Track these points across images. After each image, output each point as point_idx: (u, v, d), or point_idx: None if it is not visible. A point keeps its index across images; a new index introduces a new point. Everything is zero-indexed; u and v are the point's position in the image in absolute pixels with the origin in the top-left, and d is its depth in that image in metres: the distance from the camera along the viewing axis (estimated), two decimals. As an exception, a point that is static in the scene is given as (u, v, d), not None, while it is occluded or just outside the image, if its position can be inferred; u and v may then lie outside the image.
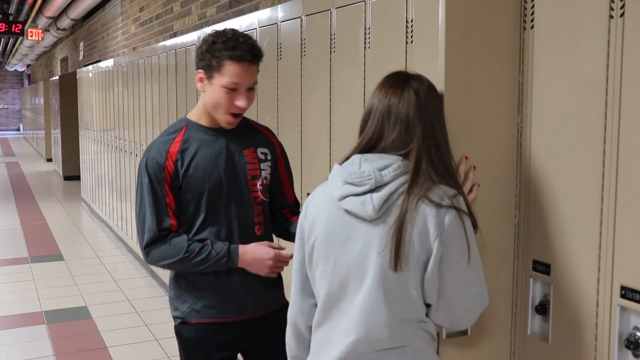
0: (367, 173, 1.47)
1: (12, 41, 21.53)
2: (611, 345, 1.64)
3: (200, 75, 1.98)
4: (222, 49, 1.91)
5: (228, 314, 2.03)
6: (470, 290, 1.50)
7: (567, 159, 1.75)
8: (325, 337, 1.58)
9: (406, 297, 1.48)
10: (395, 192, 1.46)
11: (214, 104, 1.97)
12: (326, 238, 1.54)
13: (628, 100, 1.58)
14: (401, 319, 1.49)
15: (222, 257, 1.96)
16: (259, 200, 2.06)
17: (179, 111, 4.57)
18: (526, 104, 1.87)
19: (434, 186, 1.46)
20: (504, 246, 1.93)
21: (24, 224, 8.24)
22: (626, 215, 1.60)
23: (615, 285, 1.63)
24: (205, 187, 1.98)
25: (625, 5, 1.57)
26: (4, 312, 4.92)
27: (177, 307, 2.07)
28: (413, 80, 1.55)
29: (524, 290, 1.90)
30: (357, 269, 1.50)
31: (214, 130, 2.04)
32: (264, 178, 2.07)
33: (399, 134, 1.50)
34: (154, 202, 1.96)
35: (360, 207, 1.47)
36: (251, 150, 2.07)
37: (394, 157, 1.49)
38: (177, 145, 2.00)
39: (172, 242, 1.96)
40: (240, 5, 4.93)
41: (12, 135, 27.85)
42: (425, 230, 1.43)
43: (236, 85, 1.93)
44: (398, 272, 1.44)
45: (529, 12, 1.84)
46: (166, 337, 4.32)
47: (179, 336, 2.09)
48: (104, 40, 10.89)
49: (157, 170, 1.97)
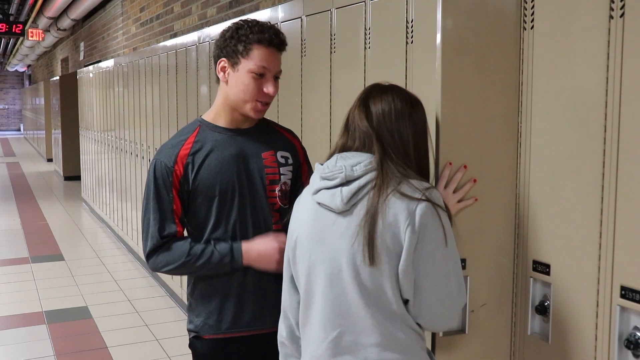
0: (339, 168, 1.53)
1: (13, 41, 21.54)
2: (611, 346, 1.64)
3: (223, 64, 1.89)
4: (249, 33, 1.85)
5: (243, 327, 1.93)
6: (447, 284, 1.49)
7: (567, 159, 1.75)
8: (308, 336, 1.58)
9: (381, 290, 1.47)
10: (365, 186, 1.50)
11: (240, 91, 1.87)
12: (305, 235, 1.58)
13: (628, 100, 1.58)
14: (382, 313, 1.48)
15: (225, 257, 1.87)
16: (277, 206, 1.95)
17: (180, 111, 4.57)
18: (526, 104, 1.87)
19: (404, 180, 1.49)
20: (504, 246, 1.93)
21: (24, 224, 8.24)
22: (626, 216, 1.60)
23: (615, 285, 1.63)
24: (217, 191, 1.89)
25: (625, 5, 1.57)
26: (5, 312, 4.92)
27: (192, 320, 1.99)
28: (372, 96, 1.60)
29: (524, 290, 1.90)
30: (329, 263, 1.52)
31: (230, 130, 1.94)
32: (283, 183, 1.96)
33: (361, 142, 1.57)
34: (159, 207, 1.88)
35: (330, 199, 1.52)
36: (270, 153, 1.96)
37: (366, 155, 1.55)
38: (189, 148, 1.90)
39: (174, 247, 1.88)
40: (240, 6, 4.93)
41: (13, 136, 27.87)
42: (395, 222, 1.44)
43: (264, 70, 1.86)
44: (372, 266, 1.45)
45: (529, 13, 1.84)
46: (166, 337, 4.32)
47: (193, 350, 2.01)
48: (105, 41, 10.89)
49: (165, 175, 1.88)
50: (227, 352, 1.96)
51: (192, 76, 4.24)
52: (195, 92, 4.18)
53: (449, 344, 1.87)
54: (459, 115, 1.82)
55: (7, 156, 18.14)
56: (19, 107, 31.48)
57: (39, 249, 6.95)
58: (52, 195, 10.86)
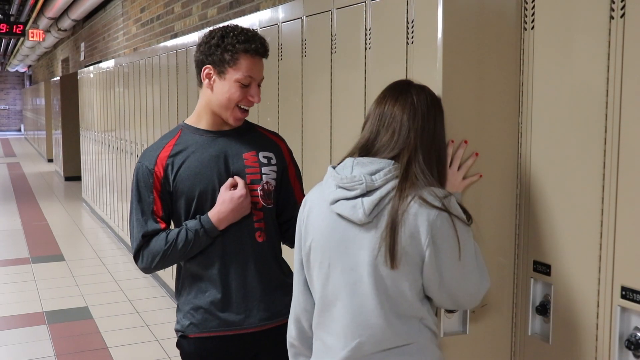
0: (358, 177, 1.49)
1: (13, 42, 21.55)
2: (612, 346, 1.64)
3: (208, 71, 1.92)
4: (236, 43, 1.87)
5: (229, 325, 1.95)
6: (470, 279, 1.52)
7: (567, 159, 1.75)
8: (324, 342, 1.58)
9: (402, 297, 1.49)
10: (386, 196, 1.48)
11: (225, 99, 1.91)
12: (321, 241, 1.56)
13: (629, 101, 1.58)
14: (400, 318, 1.50)
15: (199, 229, 1.89)
16: (259, 206, 1.97)
17: (180, 112, 4.57)
18: (526, 104, 1.87)
19: (424, 188, 1.48)
20: (505, 246, 1.93)
21: (25, 225, 8.24)
22: (627, 216, 1.60)
23: (616, 285, 1.62)
24: (195, 192, 1.93)
25: (625, 5, 1.57)
26: (5, 312, 4.92)
27: (178, 320, 2.01)
28: (413, 89, 1.58)
29: (525, 290, 1.90)
30: (351, 273, 1.51)
31: (212, 132, 1.98)
32: (265, 183, 1.99)
33: (391, 136, 1.53)
34: (141, 209, 1.93)
35: (351, 211, 1.49)
36: (252, 153, 1.99)
37: (385, 162, 1.51)
38: (169, 150, 1.95)
39: (152, 242, 1.92)
40: (241, 6, 4.94)
41: (14, 136, 27.88)
42: (416, 232, 1.44)
43: (251, 79, 1.90)
44: (394, 269, 1.45)
45: (529, 13, 1.84)
46: (167, 338, 4.32)
47: (180, 350, 2.04)
48: (105, 41, 10.89)
49: (146, 177, 1.93)
50: (213, 351, 1.98)
51: (193, 77, 4.22)
52: (195, 93, 4.17)
53: (450, 344, 1.87)
54: (459, 115, 1.82)
55: (7, 156, 18.15)
56: (19, 108, 31.49)
57: (40, 249, 6.96)
58: (52, 195, 10.86)
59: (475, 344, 1.91)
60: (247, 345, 1.98)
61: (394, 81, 1.63)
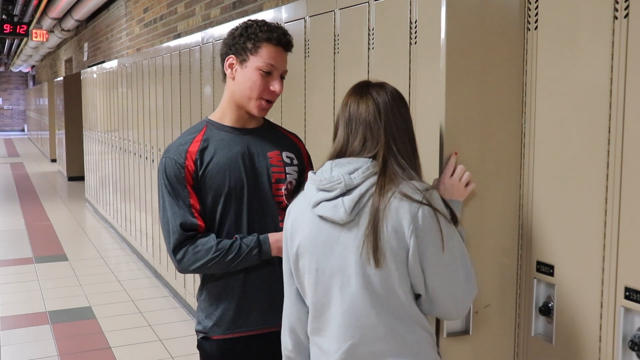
0: (337, 177, 1.50)
1: (17, 42, 21.60)
2: (615, 347, 1.64)
3: (231, 60, 1.92)
4: (259, 32, 1.88)
5: (251, 326, 1.93)
6: (455, 279, 1.50)
7: (571, 160, 1.75)
8: (320, 346, 1.58)
9: (392, 296, 1.48)
10: (366, 193, 1.48)
11: (247, 88, 1.89)
12: (307, 246, 1.56)
13: (632, 101, 1.58)
14: (394, 318, 1.49)
15: (254, 249, 1.86)
16: (283, 205, 1.94)
17: (183, 112, 4.58)
18: (530, 104, 1.87)
19: (403, 182, 1.48)
20: (508, 247, 1.92)
21: (28, 225, 8.26)
22: (630, 217, 1.59)
23: (620, 286, 1.62)
24: (225, 188, 1.89)
25: (629, 6, 1.57)
26: (9, 312, 4.93)
27: (200, 321, 1.99)
28: (372, 88, 1.59)
29: (528, 291, 1.90)
30: (339, 274, 1.51)
31: (237, 129, 1.96)
32: (288, 182, 1.97)
33: (362, 137, 1.54)
34: (175, 203, 1.87)
35: (332, 212, 1.49)
36: (276, 152, 1.98)
37: (363, 160, 1.52)
38: (197, 145, 1.91)
39: (199, 244, 1.85)
40: (244, 6, 4.94)
41: (17, 136, 27.93)
42: (399, 226, 1.44)
43: (272, 68, 1.89)
44: (379, 268, 1.45)
45: (532, 13, 1.84)
46: (170, 338, 4.32)
47: (200, 351, 2.01)
48: (108, 41, 10.91)
49: (177, 171, 1.88)
50: (235, 351, 1.96)
51: (196, 77, 4.24)
52: (198, 93, 4.18)
53: (453, 345, 1.86)
54: (462, 115, 1.82)
55: (11, 157, 18.18)
56: (23, 108, 31.56)
57: (43, 249, 6.97)
58: (55, 195, 10.88)
59: (478, 344, 1.91)
60: (269, 344, 1.95)
61: (354, 84, 1.64)
